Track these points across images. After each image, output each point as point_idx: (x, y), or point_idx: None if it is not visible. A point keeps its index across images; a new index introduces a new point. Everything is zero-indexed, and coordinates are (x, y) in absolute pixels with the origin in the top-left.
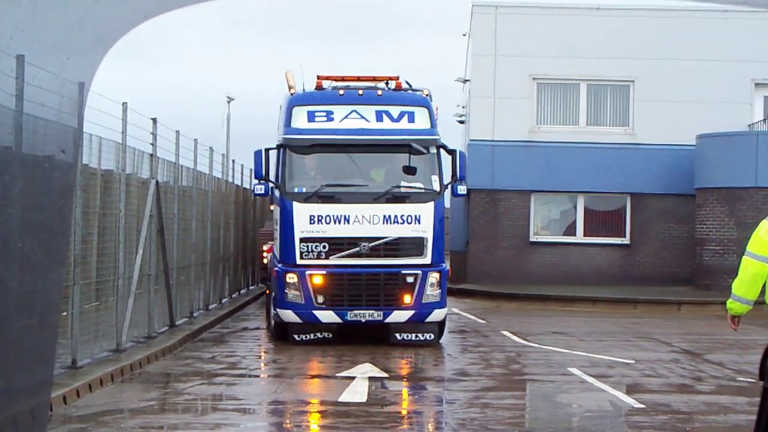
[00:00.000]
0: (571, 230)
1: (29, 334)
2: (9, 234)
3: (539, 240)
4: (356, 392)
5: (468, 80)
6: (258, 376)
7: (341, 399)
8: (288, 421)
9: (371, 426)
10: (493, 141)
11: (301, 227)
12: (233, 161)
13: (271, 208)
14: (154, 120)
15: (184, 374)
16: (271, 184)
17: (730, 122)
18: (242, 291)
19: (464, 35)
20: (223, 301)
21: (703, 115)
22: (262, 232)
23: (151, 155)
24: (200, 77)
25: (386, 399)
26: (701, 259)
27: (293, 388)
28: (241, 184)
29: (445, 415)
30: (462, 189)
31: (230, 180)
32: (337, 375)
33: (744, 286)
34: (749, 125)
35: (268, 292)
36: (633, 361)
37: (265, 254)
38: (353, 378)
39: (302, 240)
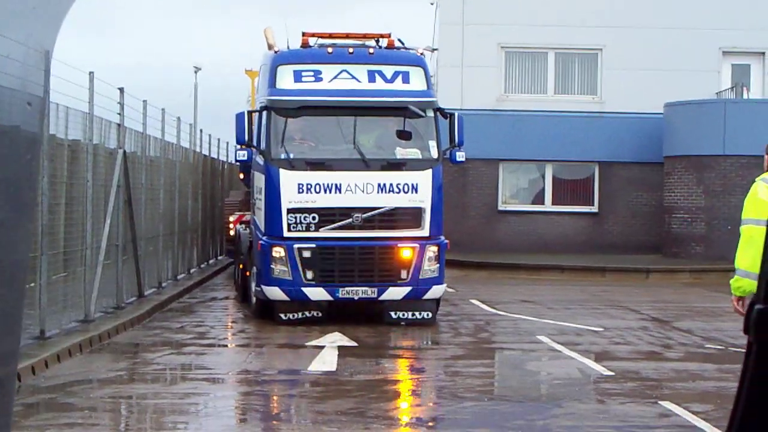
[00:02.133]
0: (539, 199)
1: None
2: None
3: (508, 209)
4: (325, 361)
5: (436, 49)
6: (227, 346)
7: (310, 368)
8: (257, 390)
9: (341, 395)
10: (461, 110)
11: (289, 197)
12: (201, 131)
13: (241, 176)
14: (121, 90)
15: (152, 344)
16: (254, 150)
17: (698, 90)
18: (210, 261)
19: (432, 3)
20: (192, 271)
21: (671, 84)
22: (228, 202)
23: (119, 125)
24: (166, 47)
25: (355, 368)
26: (669, 228)
27: (262, 357)
28: (209, 154)
29: (415, 384)
30: (461, 155)
31: (198, 150)
32: (306, 344)
33: (752, 259)
34: (717, 93)
35: (242, 266)
36: (601, 329)
37: (231, 226)
38: (322, 347)
39: (290, 211)
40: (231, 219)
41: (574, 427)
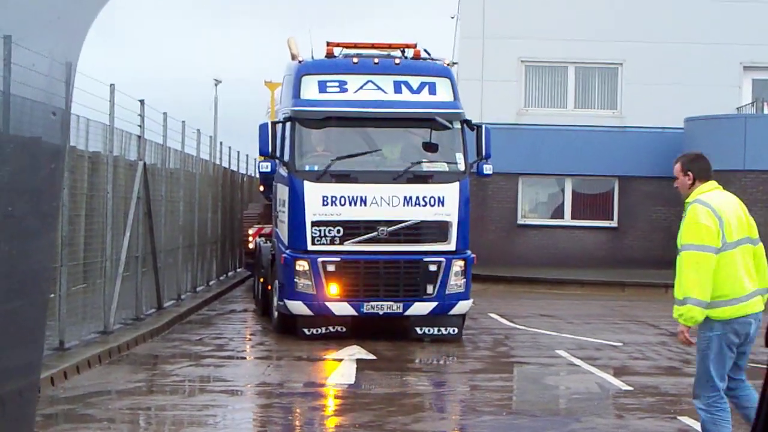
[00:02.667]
0: (558, 213)
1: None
2: None
3: (527, 223)
4: (344, 374)
5: (456, 63)
6: (245, 358)
7: (329, 381)
8: (276, 403)
9: (359, 408)
10: (481, 124)
11: (313, 209)
12: (221, 143)
13: (261, 188)
14: (142, 102)
15: (171, 356)
16: (277, 162)
17: (719, 105)
18: (230, 273)
19: (452, 17)
20: (211, 283)
21: (692, 98)
22: (246, 214)
23: (139, 137)
24: (186, 61)
25: (374, 381)
26: None
27: (281, 370)
28: (229, 166)
29: (433, 397)
30: (488, 168)
31: (218, 162)
32: (324, 357)
33: (703, 287)
34: (738, 108)
35: (262, 280)
36: (621, 344)
37: (250, 239)
38: (341, 360)
39: (314, 224)
40: (250, 232)
41: None
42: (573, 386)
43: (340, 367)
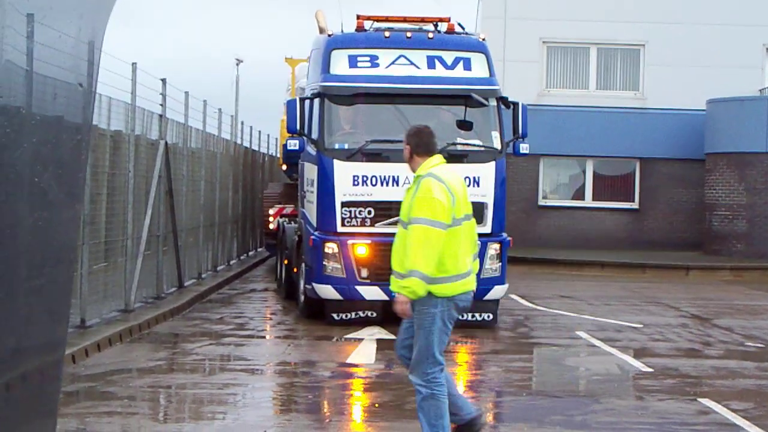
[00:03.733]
0: (579, 194)
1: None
2: (23, 168)
3: (548, 204)
4: (364, 354)
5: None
6: (266, 338)
7: (349, 360)
8: (296, 382)
9: (379, 388)
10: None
11: (343, 189)
12: (242, 123)
13: (283, 167)
14: (164, 81)
15: (192, 335)
16: (305, 140)
17: (741, 87)
18: (250, 253)
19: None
20: (231, 262)
21: (714, 80)
22: (267, 194)
23: (161, 116)
24: (209, 40)
25: (394, 361)
26: (710, 225)
27: (301, 349)
28: (250, 145)
29: (453, 378)
30: (525, 148)
31: (239, 142)
32: (345, 337)
33: (429, 261)
34: (760, 90)
35: (286, 262)
36: (641, 326)
37: (271, 219)
38: (361, 339)
39: (344, 204)
40: (271, 212)
41: (613, 423)
42: (593, 367)
43: (360, 347)
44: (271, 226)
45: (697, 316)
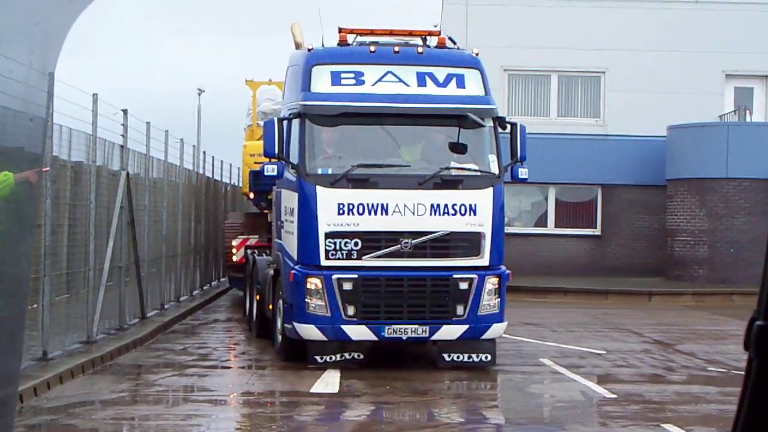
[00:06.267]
0: (542, 221)
1: None
2: None
3: (511, 231)
4: (328, 383)
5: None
6: (229, 368)
7: (313, 390)
8: (259, 412)
9: (344, 418)
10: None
11: (327, 219)
12: (204, 152)
13: (251, 196)
14: (125, 111)
15: (155, 366)
16: (284, 165)
17: (701, 113)
18: (213, 283)
19: (435, 26)
20: (194, 293)
21: (674, 107)
22: (228, 224)
23: (122, 146)
24: (169, 69)
25: (358, 390)
26: (672, 250)
27: (264, 379)
28: (212, 175)
29: (417, 406)
30: (524, 172)
31: (201, 171)
32: (308, 366)
33: None
34: (720, 116)
35: (259, 297)
36: (604, 352)
37: (234, 251)
38: (325, 369)
39: (328, 235)
40: (234, 243)
41: None
42: (557, 394)
43: (324, 376)
44: (235, 258)
45: (660, 341)
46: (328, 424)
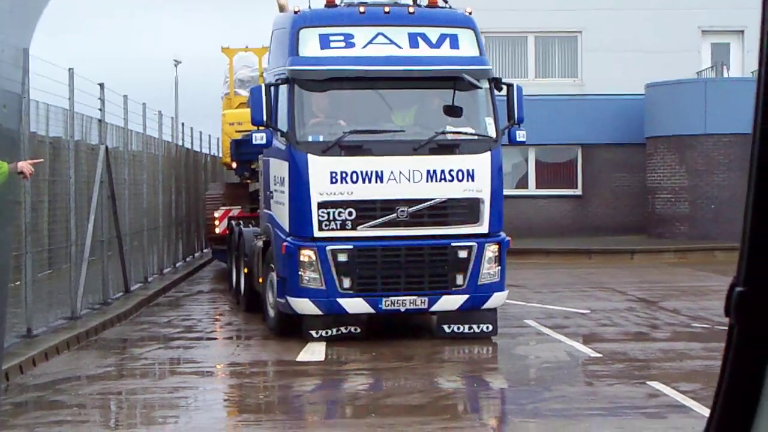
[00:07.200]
0: (523, 183)
1: None
2: None
3: None
4: (314, 351)
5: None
6: (215, 339)
7: (299, 358)
8: (246, 383)
9: (331, 385)
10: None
11: (320, 188)
12: (182, 124)
13: (233, 165)
14: (102, 85)
15: (140, 339)
16: (273, 132)
17: (679, 71)
18: (196, 254)
19: None
20: (177, 265)
21: (652, 64)
22: (209, 195)
23: (100, 121)
24: (145, 41)
25: (344, 357)
26: (653, 208)
27: (250, 349)
28: (192, 146)
29: (403, 371)
30: (521, 135)
31: (180, 143)
32: (293, 334)
33: None
34: (697, 73)
35: (247, 270)
36: (589, 311)
37: (217, 222)
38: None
39: (321, 205)
40: (216, 215)
41: (564, 409)
42: (542, 355)
43: (309, 345)
44: (218, 230)
45: (644, 299)
46: (316, 392)
